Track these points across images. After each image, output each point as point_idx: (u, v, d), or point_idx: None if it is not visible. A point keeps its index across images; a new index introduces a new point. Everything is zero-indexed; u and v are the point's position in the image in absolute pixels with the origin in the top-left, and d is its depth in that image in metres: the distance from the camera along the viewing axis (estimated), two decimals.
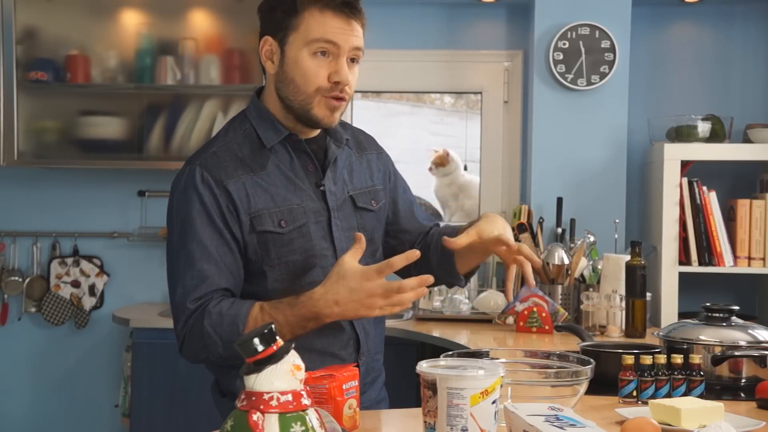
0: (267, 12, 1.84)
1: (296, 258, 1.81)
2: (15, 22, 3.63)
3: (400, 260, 1.68)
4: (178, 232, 1.79)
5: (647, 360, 1.79)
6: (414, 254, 1.70)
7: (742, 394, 1.93)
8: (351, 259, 1.70)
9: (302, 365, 1.19)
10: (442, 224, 2.13)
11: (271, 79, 1.85)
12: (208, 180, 1.78)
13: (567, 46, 3.65)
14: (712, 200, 3.41)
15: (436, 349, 3.06)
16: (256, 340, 1.16)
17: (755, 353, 1.96)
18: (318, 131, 1.90)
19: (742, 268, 3.43)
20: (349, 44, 1.79)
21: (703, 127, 3.49)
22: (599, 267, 3.28)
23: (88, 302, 3.94)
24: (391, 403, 2.01)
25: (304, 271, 1.81)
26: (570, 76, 3.65)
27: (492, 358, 1.69)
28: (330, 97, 1.79)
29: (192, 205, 1.77)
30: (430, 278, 1.68)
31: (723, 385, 1.97)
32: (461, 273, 2.00)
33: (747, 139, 3.56)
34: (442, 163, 3.97)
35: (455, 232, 1.96)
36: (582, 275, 3.39)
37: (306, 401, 1.17)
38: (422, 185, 4.08)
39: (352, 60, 1.82)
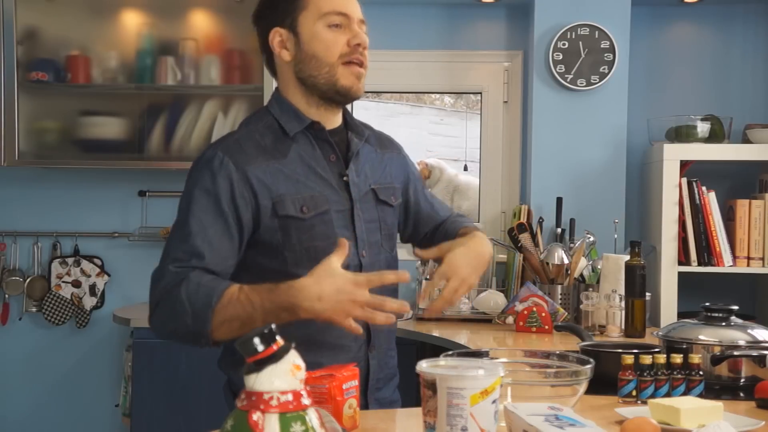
0: (268, 8, 1.90)
1: (318, 244, 1.80)
2: (15, 23, 3.63)
3: (391, 277, 1.68)
4: (182, 208, 1.78)
5: (647, 360, 1.79)
6: (404, 276, 1.69)
7: (742, 394, 1.93)
8: (337, 262, 1.65)
9: (302, 365, 1.19)
10: (456, 213, 2.19)
11: (288, 68, 1.88)
12: (227, 165, 1.77)
13: (567, 46, 3.65)
14: (711, 200, 3.41)
15: (436, 349, 3.06)
16: (256, 340, 1.16)
17: (754, 353, 1.96)
18: (339, 123, 1.93)
19: (742, 268, 3.43)
20: (357, 14, 1.86)
21: (703, 127, 3.49)
22: (599, 267, 3.28)
23: (89, 302, 3.94)
24: None
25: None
26: (570, 76, 3.65)
27: (492, 358, 1.69)
28: (350, 61, 1.83)
29: (202, 184, 1.77)
30: (407, 308, 1.68)
31: (722, 384, 1.97)
32: None
33: (746, 140, 3.57)
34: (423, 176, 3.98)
35: (455, 232, 2.05)
36: (582, 275, 3.39)
37: (306, 401, 1.17)
38: None
39: None
